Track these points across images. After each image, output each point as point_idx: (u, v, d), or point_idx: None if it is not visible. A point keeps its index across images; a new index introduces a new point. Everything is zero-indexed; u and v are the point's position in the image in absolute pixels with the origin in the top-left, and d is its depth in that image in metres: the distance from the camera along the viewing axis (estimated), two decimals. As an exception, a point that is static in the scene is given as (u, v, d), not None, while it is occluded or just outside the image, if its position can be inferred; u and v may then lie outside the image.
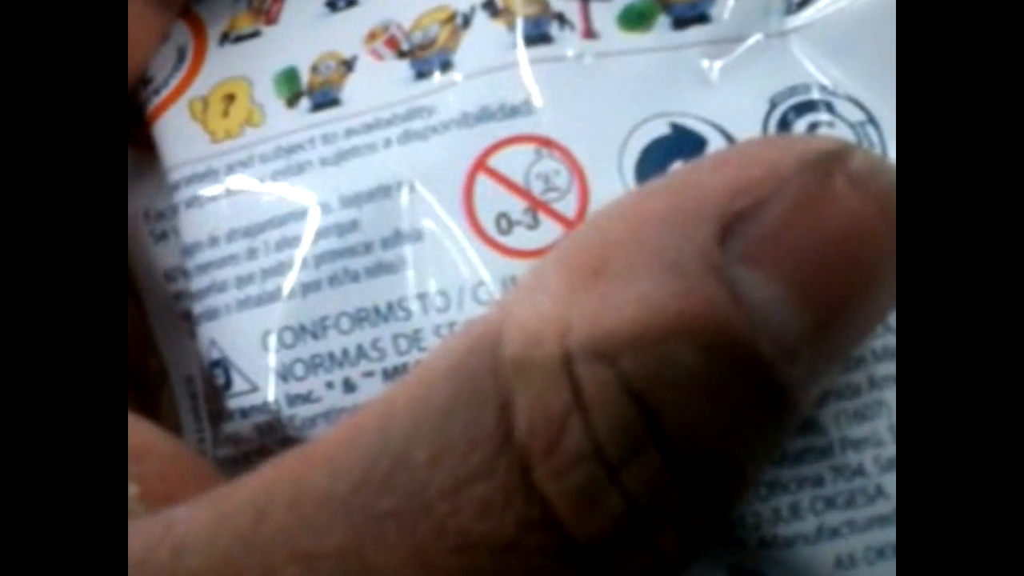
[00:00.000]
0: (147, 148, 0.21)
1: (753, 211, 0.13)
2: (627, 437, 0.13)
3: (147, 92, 0.20)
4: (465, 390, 0.13)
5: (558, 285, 0.13)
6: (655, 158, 0.17)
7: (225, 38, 0.20)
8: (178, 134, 0.20)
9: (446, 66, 0.18)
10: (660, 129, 0.17)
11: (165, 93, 0.20)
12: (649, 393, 0.13)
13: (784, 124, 0.18)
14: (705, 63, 0.18)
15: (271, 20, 0.20)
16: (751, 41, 0.18)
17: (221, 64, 0.20)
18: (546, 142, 0.17)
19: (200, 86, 0.20)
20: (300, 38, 0.19)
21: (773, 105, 0.18)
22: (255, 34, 0.20)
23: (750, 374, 0.13)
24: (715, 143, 0.17)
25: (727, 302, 0.13)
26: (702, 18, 0.18)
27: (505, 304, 0.14)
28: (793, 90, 0.18)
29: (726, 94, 0.18)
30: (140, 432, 0.16)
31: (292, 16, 0.20)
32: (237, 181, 0.19)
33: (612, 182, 0.17)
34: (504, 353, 0.13)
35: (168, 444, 0.17)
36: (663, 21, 0.18)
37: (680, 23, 0.18)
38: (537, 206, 0.17)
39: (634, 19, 0.18)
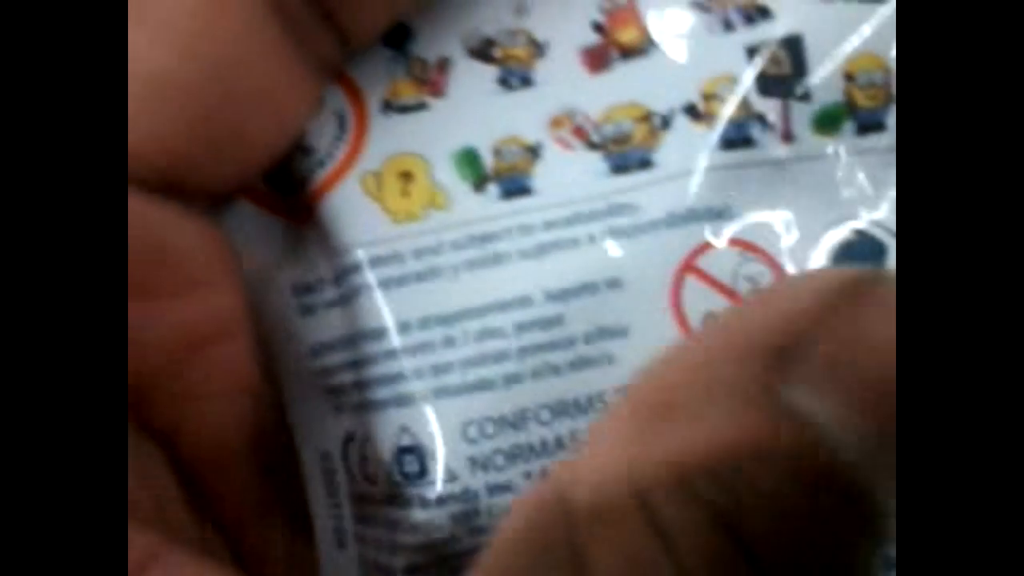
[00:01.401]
0: (296, 220, 0.20)
1: (803, 341, 0.14)
2: (722, 572, 0.13)
3: (310, 163, 0.20)
4: (539, 551, 0.13)
5: (624, 430, 0.14)
6: (845, 263, 0.18)
7: (388, 107, 0.20)
8: (353, 212, 0.19)
9: (646, 164, 0.18)
10: (846, 234, 0.18)
11: (331, 166, 0.19)
12: (739, 524, 0.13)
13: None
14: (880, 168, 0.19)
15: (438, 93, 0.20)
16: None
17: (388, 136, 0.20)
18: (749, 246, 0.18)
19: (370, 160, 0.19)
20: (475, 116, 0.19)
21: None
22: (422, 106, 0.20)
23: (832, 489, 0.13)
24: (893, 249, 0.19)
25: (797, 426, 0.13)
26: (879, 126, 0.19)
27: (567, 458, 0.14)
28: None
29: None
30: None
31: (462, 90, 0.20)
32: (427, 267, 0.19)
33: None
34: (575, 504, 0.13)
35: None
36: (849, 126, 0.19)
37: (863, 129, 0.19)
38: (742, 307, 0.18)
39: (827, 122, 0.18)
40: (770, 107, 0.18)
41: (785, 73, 0.18)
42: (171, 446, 0.19)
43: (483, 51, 0.20)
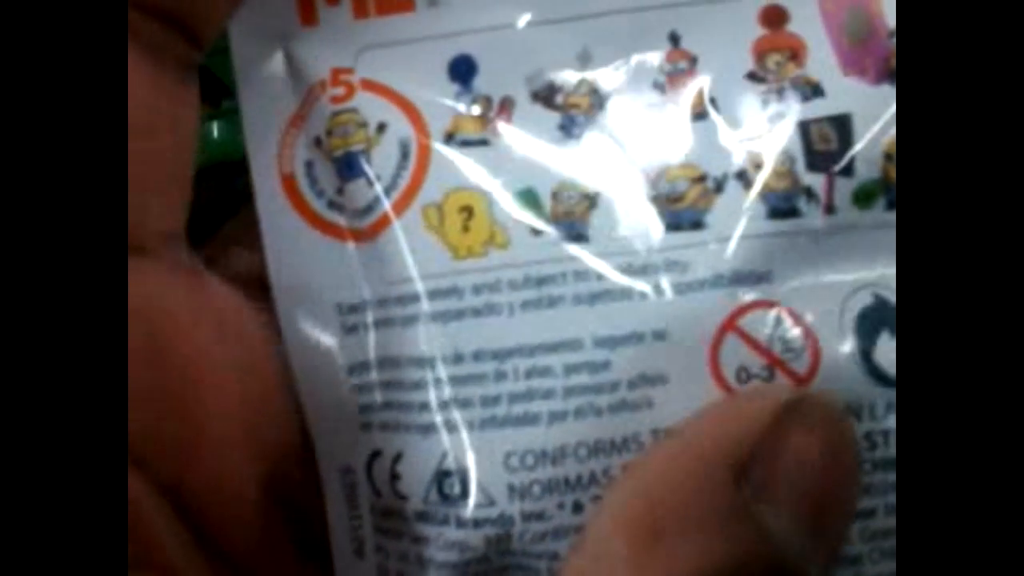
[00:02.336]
0: (349, 241, 0.21)
1: (752, 460, 0.17)
2: None
3: (375, 192, 0.20)
4: None
5: (626, 551, 0.17)
6: (867, 326, 0.20)
7: (450, 139, 0.21)
8: (416, 243, 0.20)
9: (697, 225, 0.20)
10: (867, 299, 0.20)
11: (396, 196, 0.20)
12: None
13: None
14: None
15: (500, 131, 0.20)
16: None
17: (450, 169, 0.20)
18: (784, 308, 0.19)
19: (431, 191, 0.20)
20: (536, 159, 0.20)
21: None
22: (484, 142, 0.20)
23: None
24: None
25: (761, 541, 0.17)
26: None
27: (576, 572, 0.17)
28: None
29: None
30: None
31: (523, 132, 0.20)
32: (485, 303, 0.20)
33: (839, 345, 0.19)
34: None
35: None
36: (882, 201, 0.20)
37: (892, 204, 0.20)
38: (775, 364, 0.19)
39: (863, 196, 0.20)
40: (816, 180, 0.20)
41: (832, 149, 0.20)
42: (176, 496, 0.20)
43: (546, 96, 0.21)
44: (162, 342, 0.19)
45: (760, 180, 0.20)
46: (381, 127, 0.21)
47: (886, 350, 0.20)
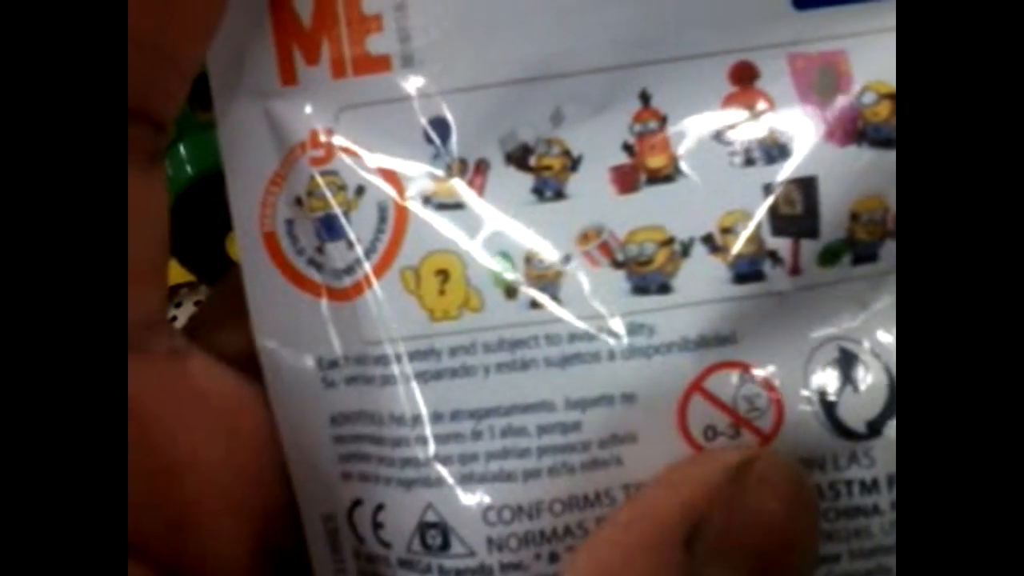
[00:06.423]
0: (316, 294, 0.22)
1: (703, 523, 0.18)
2: None
3: (354, 255, 0.21)
4: None
5: None
6: (830, 380, 0.20)
7: (427, 202, 0.21)
8: (394, 306, 0.21)
9: (664, 288, 0.20)
10: (832, 353, 0.21)
11: (376, 259, 0.21)
12: None
13: None
14: (866, 292, 0.21)
15: (475, 195, 0.21)
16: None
17: (427, 232, 0.21)
18: (748, 369, 0.20)
19: (409, 254, 0.21)
20: (509, 223, 0.21)
21: None
22: (459, 206, 0.21)
23: None
24: (873, 367, 0.21)
25: None
26: (873, 257, 0.21)
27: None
28: None
29: (879, 321, 0.21)
30: None
31: (497, 196, 0.21)
32: (461, 365, 0.20)
33: (802, 403, 0.20)
34: None
35: None
36: (847, 258, 0.20)
37: (858, 260, 0.21)
38: (740, 423, 0.20)
39: (829, 256, 0.20)
40: (781, 244, 0.20)
41: (797, 213, 0.20)
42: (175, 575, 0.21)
43: (520, 158, 0.21)
44: (142, 430, 0.20)
45: (726, 244, 0.20)
46: (360, 190, 0.21)
47: (849, 403, 0.20)
